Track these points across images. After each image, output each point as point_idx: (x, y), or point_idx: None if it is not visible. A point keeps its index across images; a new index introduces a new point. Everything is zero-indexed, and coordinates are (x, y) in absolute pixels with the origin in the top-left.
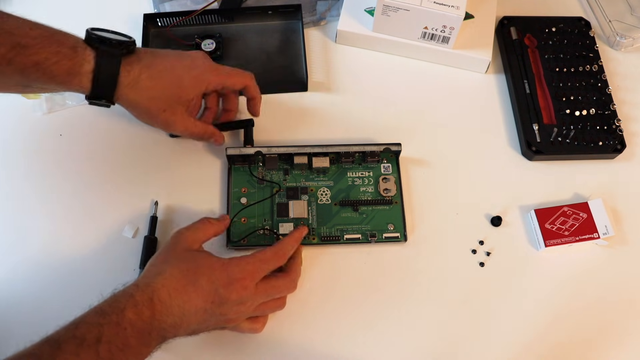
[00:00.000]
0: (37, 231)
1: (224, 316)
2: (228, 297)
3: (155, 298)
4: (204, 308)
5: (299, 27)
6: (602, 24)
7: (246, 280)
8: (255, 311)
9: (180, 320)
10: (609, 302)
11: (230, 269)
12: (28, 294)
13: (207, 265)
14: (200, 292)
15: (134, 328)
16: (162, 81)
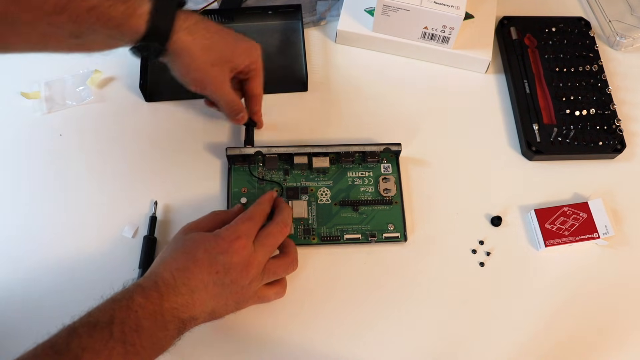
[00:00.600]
0: (37, 231)
1: (237, 284)
2: (230, 260)
3: (159, 281)
4: (212, 280)
5: (299, 27)
6: (602, 24)
7: (241, 239)
8: (267, 274)
9: (191, 298)
10: (609, 302)
11: (222, 233)
12: (28, 293)
13: (201, 240)
14: (200, 265)
15: (145, 310)
16: (220, 37)
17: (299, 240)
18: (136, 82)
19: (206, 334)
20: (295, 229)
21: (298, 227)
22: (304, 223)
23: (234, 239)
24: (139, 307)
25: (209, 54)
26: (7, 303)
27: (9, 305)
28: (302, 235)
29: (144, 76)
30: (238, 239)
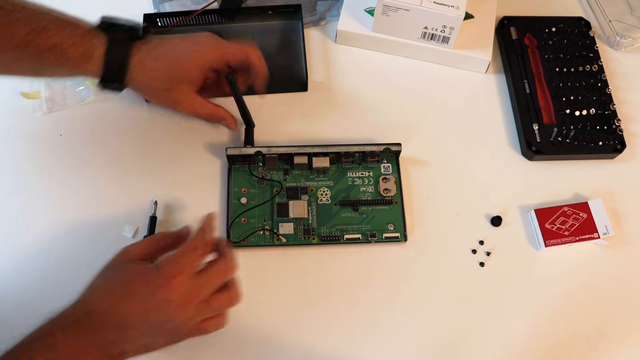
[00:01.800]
0: (37, 231)
1: (173, 322)
2: (168, 297)
3: (91, 313)
4: (145, 319)
5: (299, 27)
6: (602, 24)
7: (182, 275)
8: (209, 309)
9: (120, 335)
10: (609, 302)
11: (162, 268)
12: (27, 293)
13: (141, 273)
14: (134, 302)
15: (70, 348)
16: (165, 61)
17: (299, 240)
18: None
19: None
20: (295, 229)
21: (298, 227)
22: (304, 223)
23: (174, 275)
24: (62, 346)
25: (160, 82)
26: (5, 302)
27: (6, 304)
28: (302, 235)
29: None
30: (178, 275)
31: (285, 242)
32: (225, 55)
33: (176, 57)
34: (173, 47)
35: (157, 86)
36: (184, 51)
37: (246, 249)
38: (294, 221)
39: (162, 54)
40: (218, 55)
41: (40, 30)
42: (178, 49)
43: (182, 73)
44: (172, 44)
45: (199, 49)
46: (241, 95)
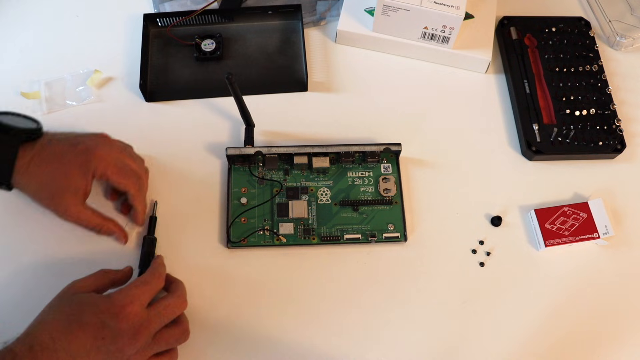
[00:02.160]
0: (38, 230)
1: (123, 353)
2: (119, 327)
3: (36, 345)
4: (96, 346)
5: (299, 27)
6: (602, 24)
7: (134, 304)
8: (158, 344)
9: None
10: (609, 302)
11: (114, 297)
12: (23, 296)
13: (91, 302)
14: (86, 329)
15: None
16: (49, 167)
17: (299, 240)
18: (136, 82)
19: (205, 335)
20: (295, 229)
21: (298, 227)
22: (304, 223)
23: (127, 304)
24: None
25: (43, 189)
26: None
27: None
28: (302, 235)
29: (144, 76)
30: (130, 304)
31: (285, 242)
32: (108, 177)
33: (61, 165)
34: (60, 152)
35: (39, 193)
36: (71, 159)
37: (246, 249)
38: (294, 221)
39: (46, 160)
40: (102, 173)
41: None
42: (65, 156)
43: (67, 183)
44: (59, 149)
45: (86, 161)
46: (241, 95)
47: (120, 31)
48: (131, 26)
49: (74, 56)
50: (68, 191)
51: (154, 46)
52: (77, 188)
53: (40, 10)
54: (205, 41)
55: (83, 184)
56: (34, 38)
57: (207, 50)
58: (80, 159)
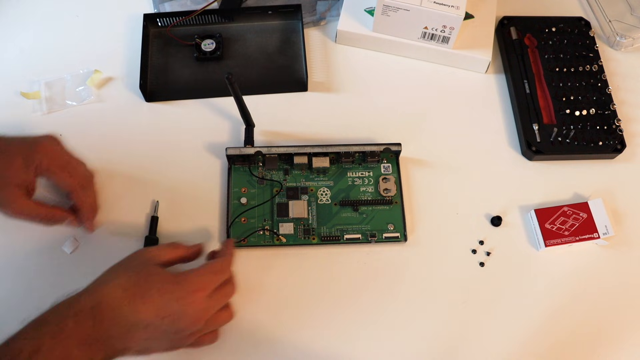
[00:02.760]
0: (38, 231)
1: (179, 334)
2: (183, 310)
3: (99, 306)
4: (154, 323)
5: (299, 27)
6: (602, 24)
7: (201, 292)
8: (210, 325)
9: (128, 332)
10: (609, 302)
11: (184, 280)
12: (28, 286)
13: (159, 278)
14: (150, 305)
15: (75, 338)
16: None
17: (299, 240)
18: (136, 82)
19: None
20: (295, 229)
21: (298, 227)
22: (304, 223)
23: (195, 290)
24: (68, 335)
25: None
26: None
27: None
28: (302, 235)
29: (144, 76)
30: (198, 291)
31: (285, 242)
32: (51, 172)
33: (3, 155)
34: (5, 145)
35: None
36: (13, 149)
37: (246, 249)
38: (294, 221)
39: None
40: (46, 167)
41: None
42: (8, 146)
43: (9, 176)
44: (4, 142)
45: (30, 154)
46: (241, 95)
47: (120, 31)
48: (131, 26)
49: (74, 56)
50: (10, 184)
51: (154, 46)
52: (19, 181)
53: (40, 10)
54: (205, 41)
55: (26, 177)
56: (34, 38)
57: (207, 50)
58: (24, 150)
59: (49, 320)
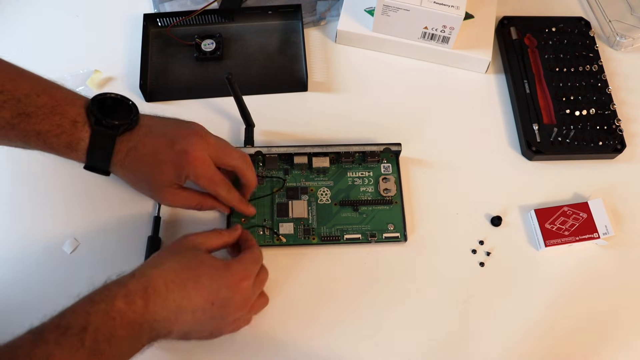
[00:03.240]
0: (38, 230)
1: (224, 319)
2: (231, 297)
3: (150, 288)
4: (203, 308)
5: (299, 27)
6: (602, 24)
7: (249, 280)
8: (251, 312)
9: (175, 316)
10: (609, 302)
11: (234, 268)
12: (29, 283)
13: (210, 264)
14: (201, 290)
15: (124, 318)
16: (144, 166)
17: (299, 240)
18: (136, 82)
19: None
20: (295, 229)
21: (298, 227)
22: (304, 223)
23: (243, 278)
24: (118, 314)
25: (140, 184)
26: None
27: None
28: (302, 235)
29: (144, 76)
30: (246, 279)
31: (285, 242)
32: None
33: (156, 164)
34: (153, 150)
35: (138, 186)
36: (165, 158)
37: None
38: (294, 221)
39: (142, 157)
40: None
41: (26, 116)
42: (158, 154)
43: (162, 179)
44: (152, 146)
45: (179, 162)
46: (241, 95)
47: (120, 31)
48: (131, 26)
49: (74, 56)
50: (164, 186)
51: (154, 46)
52: (172, 183)
53: (40, 10)
54: (205, 41)
55: (177, 181)
56: (34, 38)
57: (207, 50)
58: (175, 160)
59: (99, 299)
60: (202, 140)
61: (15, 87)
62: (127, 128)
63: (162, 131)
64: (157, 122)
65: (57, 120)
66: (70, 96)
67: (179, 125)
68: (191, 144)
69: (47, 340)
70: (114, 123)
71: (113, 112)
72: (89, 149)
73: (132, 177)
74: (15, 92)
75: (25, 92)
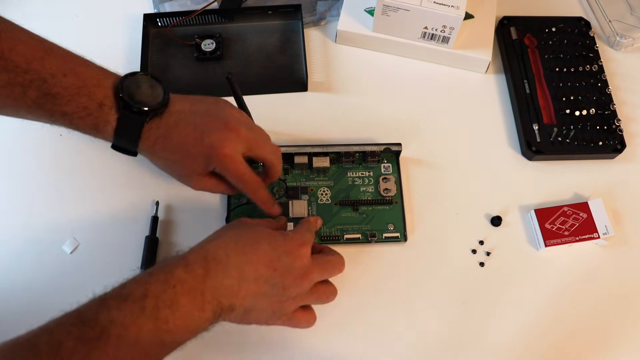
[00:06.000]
0: (38, 229)
1: (286, 291)
2: (293, 264)
3: (210, 257)
4: (265, 275)
5: (299, 27)
6: (602, 24)
7: (307, 247)
8: (314, 295)
9: (239, 285)
10: (609, 302)
11: (291, 236)
12: (30, 282)
13: (269, 233)
14: (261, 256)
15: (184, 286)
16: (173, 155)
17: None
18: None
19: (202, 334)
20: None
21: None
22: None
23: (302, 244)
24: (178, 281)
25: (170, 170)
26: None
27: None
28: None
29: None
30: (305, 245)
31: None
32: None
33: (186, 155)
34: (184, 142)
35: (166, 169)
36: (193, 151)
37: None
38: (294, 221)
39: (172, 146)
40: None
41: (51, 97)
42: (188, 147)
43: (191, 169)
44: (183, 137)
45: (207, 156)
46: (241, 95)
47: (120, 31)
48: (131, 26)
49: None
50: (192, 174)
51: (154, 46)
52: (200, 172)
53: (41, 10)
54: (205, 41)
55: (206, 170)
56: None
57: (207, 50)
58: (204, 154)
59: (159, 270)
60: (232, 133)
61: (43, 66)
62: (157, 114)
63: (193, 121)
64: (188, 107)
65: (84, 102)
66: (98, 76)
67: (210, 113)
68: (220, 139)
69: (110, 307)
70: (143, 109)
71: (145, 91)
72: (116, 133)
73: (161, 163)
74: (42, 71)
75: (52, 72)
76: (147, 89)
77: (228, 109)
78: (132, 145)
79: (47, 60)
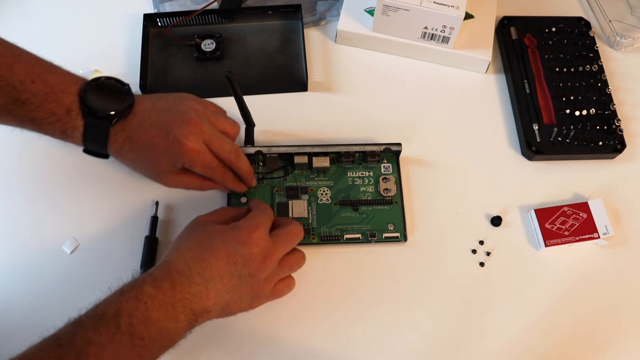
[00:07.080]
0: (38, 229)
1: (254, 278)
2: (249, 252)
3: (172, 270)
4: (229, 271)
5: (299, 27)
6: (602, 24)
7: (260, 230)
8: (283, 269)
9: (205, 289)
10: (609, 302)
11: (240, 225)
12: (32, 283)
13: (219, 230)
14: (218, 255)
15: (155, 301)
16: (141, 155)
17: None
18: (136, 82)
19: (205, 334)
20: None
21: None
22: (304, 223)
23: (253, 230)
24: (149, 297)
25: (140, 170)
26: (5, 303)
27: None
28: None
29: (143, 76)
30: (257, 230)
31: None
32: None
33: (152, 154)
34: (149, 142)
35: (137, 170)
36: (159, 149)
37: None
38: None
39: (138, 147)
40: (189, 165)
41: (20, 103)
42: (154, 145)
43: (159, 167)
44: (149, 137)
45: (173, 153)
46: (241, 94)
47: (120, 31)
48: (131, 26)
49: (74, 56)
50: (163, 173)
51: (154, 46)
52: (169, 170)
53: (41, 10)
54: (205, 41)
55: (174, 168)
56: (34, 38)
57: (207, 50)
58: (170, 150)
59: (129, 289)
60: (193, 127)
61: (12, 73)
62: (121, 117)
63: (156, 119)
64: (150, 106)
65: (52, 108)
66: (65, 82)
67: (171, 109)
68: (183, 134)
69: (86, 327)
70: (108, 114)
71: (109, 96)
72: (84, 138)
73: (131, 164)
74: (11, 78)
75: (20, 79)
76: (111, 93)
77: (189, 103)
78: (101, 148)
79: (16, 66)
